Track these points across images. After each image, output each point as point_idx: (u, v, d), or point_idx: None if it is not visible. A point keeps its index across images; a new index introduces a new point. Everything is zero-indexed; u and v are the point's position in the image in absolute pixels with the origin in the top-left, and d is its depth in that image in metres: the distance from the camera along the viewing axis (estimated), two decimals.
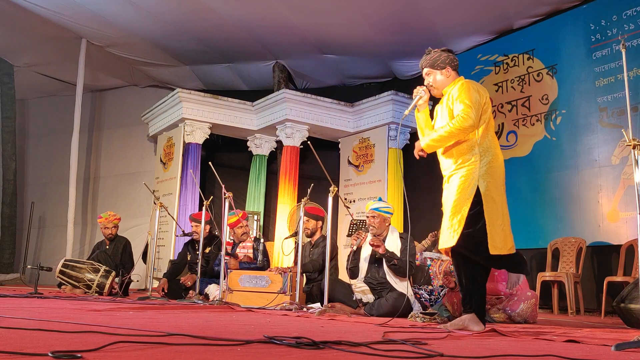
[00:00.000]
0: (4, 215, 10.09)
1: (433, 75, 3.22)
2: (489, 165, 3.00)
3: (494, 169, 3.02)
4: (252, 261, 5.61)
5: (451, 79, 3.20)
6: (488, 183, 2.97)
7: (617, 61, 6.01)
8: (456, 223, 2.94)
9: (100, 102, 11.00)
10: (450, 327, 2.94)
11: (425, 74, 3.26)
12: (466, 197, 2.95)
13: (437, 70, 3.20)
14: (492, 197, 2.97)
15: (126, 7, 7.58)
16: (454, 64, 3.22)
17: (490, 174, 2.99)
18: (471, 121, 2.94)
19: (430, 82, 3.23)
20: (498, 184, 3.02)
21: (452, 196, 3.01)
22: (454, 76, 3.21)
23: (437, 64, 3.20)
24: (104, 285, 5.92)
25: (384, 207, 4.58)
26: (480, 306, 3.00)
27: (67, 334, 1.98)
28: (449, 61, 3.20)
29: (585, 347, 2.30)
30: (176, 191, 8.20)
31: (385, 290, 4.40)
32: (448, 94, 3.16)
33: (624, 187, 5.83)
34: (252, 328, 2.65)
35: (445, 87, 3.20)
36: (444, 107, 3.17)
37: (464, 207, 2.94)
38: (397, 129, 8.07)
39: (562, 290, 5.86)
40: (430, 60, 3.22)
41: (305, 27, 7.90)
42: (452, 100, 3.09)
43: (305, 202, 4.68)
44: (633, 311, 3.65)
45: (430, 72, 3.23)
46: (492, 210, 2.95)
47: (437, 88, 3.22)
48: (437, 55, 3.22)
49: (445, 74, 3.19)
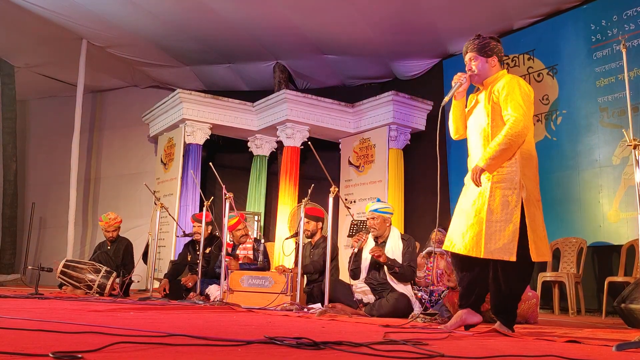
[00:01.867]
0: (5, 216, 10.09)
1: (478, 62, 3.01)
2: (528, 166, 2.84)
3: (531, 168, 2.86)
4: (252, 262, 5.61)
5: (495, 70, 3.02)
6: (528, 185, 2.80)
7: (618, 61, 6.01)
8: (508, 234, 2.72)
9: (101, 103, 11.01)
10: (450, 326, 2.93)
11: (469, 58, 3.03)
12: (514, 204, 2.75)
13: (484, 57, 3.01)
14: (532, 199, 2.80)
15: (127, 8, 7.58)
16: (501, 54, 3.05)
17: (528, 175, 2.83)
18: (524, 125, 2.78)
19: (474, 68, 3.01)
20: (535, 184, 2.87)
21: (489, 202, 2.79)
22: (498, 67, 3.03)
23: (485, 50, 3.00)
24: (104, 285, 5.92)
25: (383, 208, 4.57)
26: (477, 303, 2.96)
27: (67, 335, 1.98)
28: (497, 50, 3.02)
29: (586, 347, 2.30)
30: (177, 192, 8.20)
31: (386, 291, 4.40)
32: (492, 87, 2.96)
33: (625, 187, 5.82)
34: (253, 328, 2.65)
35: (488, 77, 3.01)
36: (486, 101, 2.95)
37: (514, 216, 2.74)
38: (396, 129, 8.07)
39: (563, 291, 5.86)
40: (478, 45, 3.02)
41: (306, 28, 7.90)
42: (498, 96, 2.89)
43: (305, 203, 4.68)
44: (634, 311, 3.65)
45: (476, 57, 3.01)
46: (534, 214, 2.79)
47: (480, 76, 3.01)
48: (487, 41, 3.03)
49: (491, 63, 3.01)
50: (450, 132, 3.21)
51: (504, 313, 2.85)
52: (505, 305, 2.86)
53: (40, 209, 10.49)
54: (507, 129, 2.78)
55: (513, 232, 2.73)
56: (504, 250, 2.73)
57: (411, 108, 8.05)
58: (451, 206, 7.71)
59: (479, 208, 2.84)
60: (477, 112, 3.03)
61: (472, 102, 3.11)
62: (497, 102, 2.91)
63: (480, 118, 2.98)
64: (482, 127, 2.96)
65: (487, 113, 2.93)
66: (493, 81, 2.99)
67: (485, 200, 2.82)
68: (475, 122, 3.02)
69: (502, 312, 2.86)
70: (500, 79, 2.98)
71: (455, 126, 3.15)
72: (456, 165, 7.80)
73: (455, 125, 3.15)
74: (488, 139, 2.89)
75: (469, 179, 2.97)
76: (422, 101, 8.08)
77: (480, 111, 2.99)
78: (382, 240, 4.58)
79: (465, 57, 3.10)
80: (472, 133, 3.05)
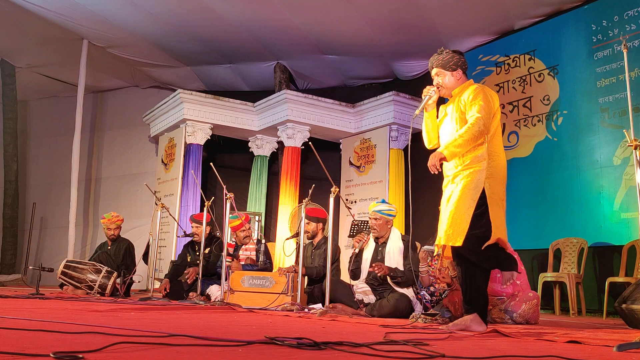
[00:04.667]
0: (6, 217, 10.10)
1: (443, 76, 3.20)
2: (494, 167, 3.03)
3: (499, 170, 3.05)
4: (254, 263, 5.61)
5: (461, 81, 3.21)
6: (492, 185, 2.99)
7: (619, 62, 6.01)
8: (462, 223, 2.94)
9: (102, 103, 11.02)
10: (452, 327, 2.94)
11: (435, 73, 3.24)
12: (472, 198, 2.96)
13: (449, 71, 3.19)
14: (496, 199, 3.00)
15: (127, 8, 7.59)
16: (465, 66, 3.24)
17: (495, 176, 3.02)
18: (482, 127, 2.96)
19: (440, 83, 3.21)
20: (502, 186, 3.06)
21: (456, 196, 3.01)
22: (463, 79, 3.22)
23: (449, 65, 3.19)
24: (105, 286, 5.92)
25: (386, 210, 4.56)
26: (482, 307, 3.01)
27: (68, 335, 1.98)
28: (461, 63, 3.21)
29: (587, 348, 2.30)
30: (177, 192, 8.21)
31: (386, 291, 4.40)
32: (458, 97, 3.16)
33: (626, 188, 5.82)
34: (254, 329, 2.65)
35: (455, 88, 3.20)
36: (453, 111, 3.17)
37: (469, 208, 2.95)
38: (397, 129, 8.08)
39: (564, 291, 5.86)
40: (442, 60, 3.21)
41: (307, 28, 7.91)
42: (463, 104, 3.09)
43: (306, 203, 4.68)
44: (635, 312, 3.65)
45: (441, 72, 3.21)
46: (497, 212, 2.98)
47: (447, 89, 3.21)
48: (450, 56, 3.21)
49: (455, 76, 3.20)
50: (425, 142, 3.39)
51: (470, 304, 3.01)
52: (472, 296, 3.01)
53: (41, 209, 10.50)
54: (469, 125, 2.98)
55: (466, 220, 2.93)
56: (452, 236, 2.95)
57: (412, 108, 8.05)
58: None
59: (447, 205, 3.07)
60: (447, 121, 3.24)
61: (442, 113, 3.31)
62: (463, 111, 3.10)
63: (451, 127, 3.18)
64: (451, 135, 3.12)
65: (456, 121, 3.14)
66: (460, 92, 3.19)
67: (453, 195, 3.05)
68: (446, 131, 3.23)
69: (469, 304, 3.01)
70: (466, 88, 3.17)
71: (428, 137, 3.35)
72: None
73: (429, 136, 3.34)
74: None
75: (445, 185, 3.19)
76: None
77: (451, 120, 3.19)
78: (382, 241, 4.58)
79: (431, 72, 3.29)
80: (443, 141, 3.23)
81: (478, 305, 3.00)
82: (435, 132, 3.31)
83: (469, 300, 3.03)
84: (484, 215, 2.94)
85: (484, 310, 3.02)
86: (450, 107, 3.22)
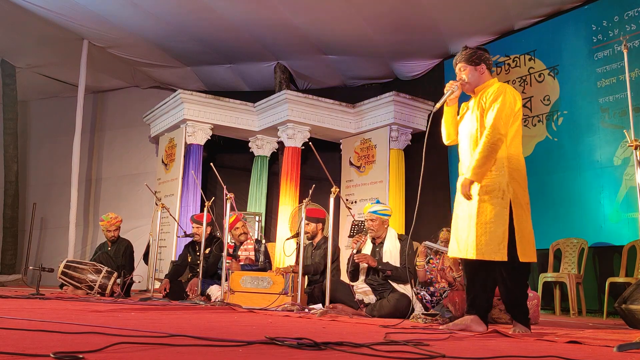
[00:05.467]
0: (6, 217, 10.10)
1: (467, 71, 3.16)
2: (515, 170, 2.97)
3: (520, 173, 3.00)
4: (254, 263, 5.60)
5: (485, 78, 3.15)
6: (515, 188, 2.93)
7: (619, 62, 6.01)
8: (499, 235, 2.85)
9: (102, 104, 11.02)
10: (453, 327, 2.94)
11: (459, 69, 3.19)
12: (504, 206, 2.89)
13: (472, 65, 3.15)
14: (520, 202, 2.94)
15: (127, 8, 7.59)
16: (489, 62, 3.19)
17: (517, 179, 2.96)
18: (497, 135, 2.91)
19: (464, 78, 3.16)
20: (524, 188, 3.00)
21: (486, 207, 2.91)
22: (487, 76, 3.17)
23: (472, 59, 3.15)
24: (105, 286, 5.92)
25: (382, 210, 4.57)
26: (485, 309, 3.03)
27: (68, 335, 1.98)
28: (484, 59, 3.16)
29: (587, 348, 2.30)
30: (178, 192, 8.21)
31: (386, 292, 4.40)
32: (481, 94, 3.10)
33: (626, 188, 5.82)
34: (254, 329, 2.65)
35: (478, 85, 3.14)
36: (475, 107, 3.10)
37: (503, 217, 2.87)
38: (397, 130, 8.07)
39: (564, 291, 5.86)
40: (465, 55, 3.18)
41: (307, 28, 7.91)
42: (485, 102, 3.04)
43: (306, 203, 4.68)
44: (635, 312, 3.65)
45: (464, 67, 3.16)
46: (521, 216, 2.92)
47: (470, 84, 3.15)
48: (473, 51, 3.18)
49: (479, 71, 3.14)
50: (443, 138, 3.34)
51: (514, 307, 2.97)
52: (514, 300, 2.98)
53: (41, 210, 10.50)
54: (484, 139, 2.94)
55: (503, 234, 2.86)
56: (494, 251, 2.86)
57: (412, 108, 8.05)
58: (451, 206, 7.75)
59: (470, 214, 2.98)
60: (467, 118, 3.17)
61: (463, 110, 3.25)
62: (484, 109, 3.04)
63: (470, 124, 3.12)
64: (471, 133, 3.09)
65: (476, 119, 3.07)
66: (483, 89, 3.13)
67: (476, 204, 2.95)
68: (466, 128, 3.17)
69: (513, 306, 2.98)
70: (489, 86, 3.11)
71: (447, 132, 3.29)
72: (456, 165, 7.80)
73: (447, 131, 3.28)
74: (477, 145, 3.01)
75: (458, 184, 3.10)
76: (423, 101, 8.08)
77: (471, 118, 3.13)
78: (379, 241, 4.59)
79: (455, 68, 3.24)
80: (463, 139, 3.19)
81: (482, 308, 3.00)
82: (455, 128, 3.25)
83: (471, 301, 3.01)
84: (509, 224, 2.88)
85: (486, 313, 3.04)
86: (472, 103, 3.17)
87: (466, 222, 2.99)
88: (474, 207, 2.95)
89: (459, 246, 3.01)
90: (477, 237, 2.90)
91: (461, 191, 2.97)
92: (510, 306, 3.01)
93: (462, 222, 3.02)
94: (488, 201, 2.92)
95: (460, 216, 3.06)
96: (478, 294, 3.01)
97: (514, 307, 2.98)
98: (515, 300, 2.97)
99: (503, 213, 2.88)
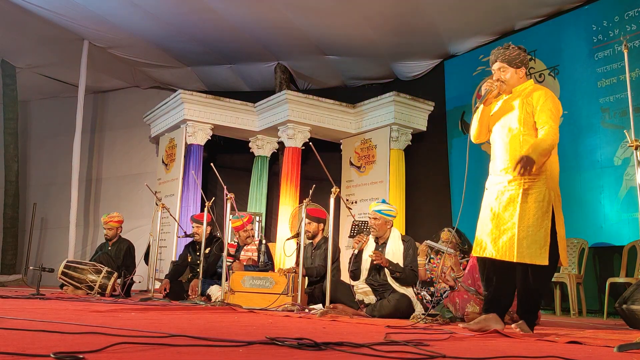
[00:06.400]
0: (6, 217, 10.10)
1: (507, 73, 3.12)
2: (551, 178, 3.02)
3: (555, 181, 3.04)
4: (256, 264, 5.60)
5: (523, 80, 3.16)
6: (555, 193, 2.99)
7: (619, 62, 6.01)
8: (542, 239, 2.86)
9: (102, 104, 11.02)
10: (474, 325, 2.91)
11: (498, 68, 3.15)
12: (546, 211, 2.91)
13: (513, 68, 3.12)
14: (559, 208, 2.98)
15: (128, 9, 7.59)
16: (528, 65, 3.20)
17: (554, 188, 3.01)
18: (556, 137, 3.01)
19: (502, 79, 3.13)
20: (559, 193, 3.05)
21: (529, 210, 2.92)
22: (525, 78, 3.17)
23: (515, 62, 3.12)
24: (105, 286, 5.92)
25: (386, 210, 4.55)
26: (505, 308, 3.05)
27: (69, 335, 1.98)
28: (526, 62, 3.15)
29: (588, 348, 2.30)
30: (178, 192, 8.21)
31: (387, 292, 4.39)
32: (524, 97, 3.09)
33: (626, 188, 5.82)
34: (254, 329, 2.65)
35: (516, 86, 3.14)
36: (519, 109, 3.07)
37: (545, 221, 2.89)
38: (398, 130, 8.06)
39: (565, 291, 5.85)
40: (508, 56, 3.12)
41: (307, 28, 7.91)
42: (530, 106, 3.03)
43: (307, 204, 4.68)
44: (635, 312, 3.65)
45: (505, 68, 3.12)
46: (560, 219, 2.97)
47: (508, 85, 3.13)
48: (517, 53, 3.14)
49: (519, 74, 3.13)
50: (472, 136, 3.29)
51: (529, 313, 2.99)
52: (531, 304, 3.01)
53: (41, 210, 10.50)
54: (550, 135, 2.97)
55: (544, 237, 2.87)
56: (536, 255, 2.86)
57: (412, 109, 8.05)
58: (453, 206, 7.77)
59: (511, 213, 2.94)
60: (507, 118, 3.13)
61: (495, 107, 3.21)
62: (530, 113, 3.03)
63: (512, 124, 3.09)
64: (512, 133, 3.07)
65: (519, 120, 3.05)
66: (523, 90, 3.12)
67: (517, 206, 2.93)
68: (504, 127, 3.12)
69: (528, 312, 3.00)
70: (533, 90, 3.10)
71: (480, 130, 3.25)
72: (457, 165, 7.80)
73: (480, 130, 3.25)
74: (521, 145, 3.01)
75: (491, 184, 3.10)
76: (423, 102, 8.08)
77: (512, 118, 3.10)
78: (382, 241, 4.57)
79: (492, 65, 3.19)
80: (499, 137, 3.15)
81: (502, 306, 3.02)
82: (487, 127, 3.24)
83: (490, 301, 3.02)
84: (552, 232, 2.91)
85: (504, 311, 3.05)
86: (516, 103, 3.12)
87: (504, 222, 2.95)
88: (515, 207, 2.93)
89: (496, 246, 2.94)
90: (518, 240, 2.87)
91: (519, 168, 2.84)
92: (525, 305, 3.02)
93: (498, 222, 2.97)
94: (532, 204, 2.93)
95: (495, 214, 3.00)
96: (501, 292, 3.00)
97: (529, 308, 3.00)
98: (532, 301, 3.00)
99: (545, 217, 2.90)
